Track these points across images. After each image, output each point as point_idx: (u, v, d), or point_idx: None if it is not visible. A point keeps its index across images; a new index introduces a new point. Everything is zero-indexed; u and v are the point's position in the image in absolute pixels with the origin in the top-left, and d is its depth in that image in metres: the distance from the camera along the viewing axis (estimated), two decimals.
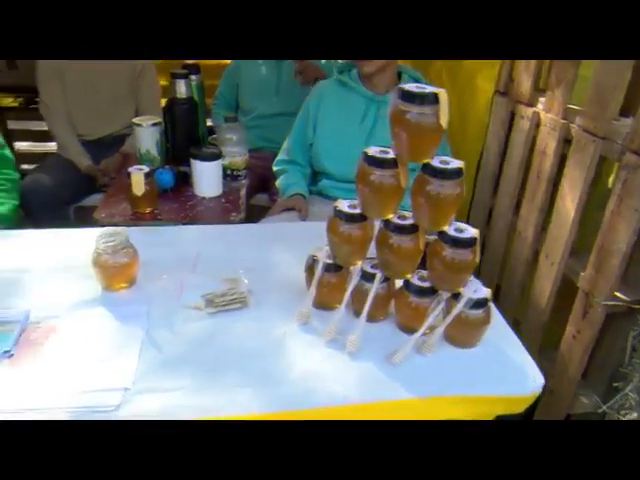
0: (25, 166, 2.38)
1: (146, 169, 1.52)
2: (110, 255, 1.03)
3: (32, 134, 3.05)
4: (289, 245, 1.26)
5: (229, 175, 1.74)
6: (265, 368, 0.90)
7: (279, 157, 1.82)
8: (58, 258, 1.17)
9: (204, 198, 1.68)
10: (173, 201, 1.65)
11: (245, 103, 2.36)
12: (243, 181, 1.78)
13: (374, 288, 0.97)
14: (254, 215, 1.77)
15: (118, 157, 2.14)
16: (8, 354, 0.89)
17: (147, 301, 1.04)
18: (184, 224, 1.50)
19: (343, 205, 0.98)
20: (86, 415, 0.79)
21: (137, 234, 1.10)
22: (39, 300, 1.03)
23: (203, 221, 1.52)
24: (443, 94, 0.81)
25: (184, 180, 1.72)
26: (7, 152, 1.73)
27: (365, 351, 0.94)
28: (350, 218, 0.96)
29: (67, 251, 1.20)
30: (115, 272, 1.05)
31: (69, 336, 0.94)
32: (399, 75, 1.68)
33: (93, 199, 2.17)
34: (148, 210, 1.57)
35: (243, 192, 1.75)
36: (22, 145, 3.08)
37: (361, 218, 0.96)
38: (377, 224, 0.98)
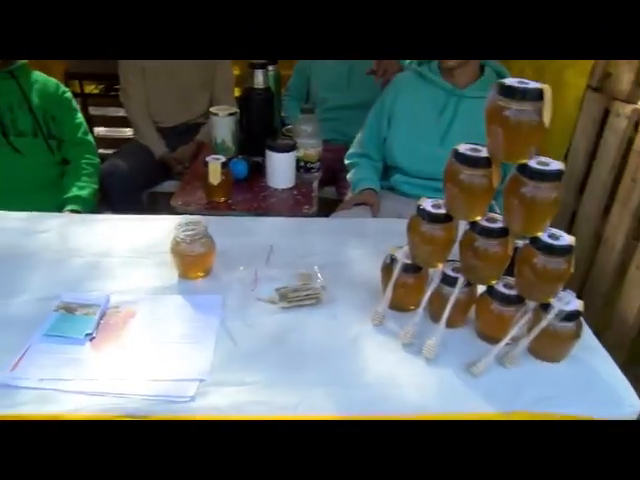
0: (101, 151, 2.47)
1: (223, 159, 1.53)
2: (188, 244, 1.03)
3: (110, 120, 3.16)
4: (362, 241, 1.24)
5: (302, 167, 1.72)
6: (339, 368, 0.88)
7: (351, 150, 1.79)
8: (136, 244, 1.20)
9: (277, 189, 1.67)
10: (246, 191, 1.65)
11: (316, 95, 2.33)
12: (316, 173, 1.75)
13: (455, 293, 0.92)
14: (321, 208, 1.74)
15: (192, 146, 2.17)
16: (90, 336, 0.91)
17: (222, 291, 1.04)
18: (257, 215, 1.50)
19: (427, 204, 0.93)
20: (161, 404, 0.79)
21: (212, 223, 1.10)
22: (118, 285, 1.05)
23: (275, 212, 1.52)
24: (548, 90, 0.75)
25: (257, 171, 1.72)
26: (90, 138, 1.80)
27: (442, 358, 0.90)
28: (434, 218, 0.92)
29: (145, 237, 1.22)
30: (192, 261, 1.05)
31: (147, 323, 0.95)
32: (481, 68, 1.61)
33: (166, 186, 2.22)
34: (223, 200, 1.57)
35: (315, 185, 1.73)
36: (100, 130, 3.20)
37: (445, 218, 0.92)
38: (462, 225, 0.93)
